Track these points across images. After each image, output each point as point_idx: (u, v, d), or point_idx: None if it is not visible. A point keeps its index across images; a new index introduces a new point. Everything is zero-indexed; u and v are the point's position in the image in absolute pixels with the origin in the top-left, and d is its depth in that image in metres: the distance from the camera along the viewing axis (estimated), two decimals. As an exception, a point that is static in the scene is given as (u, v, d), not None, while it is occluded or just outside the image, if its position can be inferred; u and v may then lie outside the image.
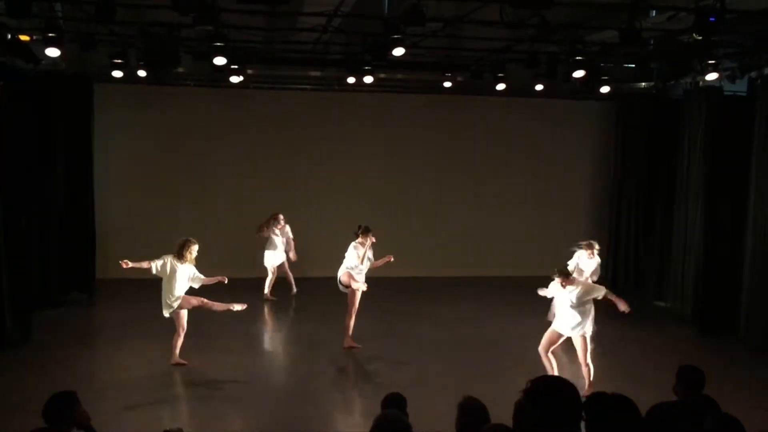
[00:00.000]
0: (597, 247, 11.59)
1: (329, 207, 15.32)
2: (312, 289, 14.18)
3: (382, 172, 15.63)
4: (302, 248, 15.22)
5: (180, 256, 9.28)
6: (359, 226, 10.52)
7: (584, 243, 11.40)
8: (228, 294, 13.74)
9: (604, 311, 13.82)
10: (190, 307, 9.37)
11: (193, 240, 9.49)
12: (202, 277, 9.53)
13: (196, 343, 10.16)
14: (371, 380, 9.65)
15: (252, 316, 12.23)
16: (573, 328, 8.74)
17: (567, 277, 8.74)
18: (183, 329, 9.44)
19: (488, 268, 14.64)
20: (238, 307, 9.35)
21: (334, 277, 13.05)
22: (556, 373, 8.48)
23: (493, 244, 15.58)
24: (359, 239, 10.42)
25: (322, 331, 11.48)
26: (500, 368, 9.95)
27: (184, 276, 9.32)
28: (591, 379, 8.70)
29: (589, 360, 8.81)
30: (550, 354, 8.94)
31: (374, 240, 10.51)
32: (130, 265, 8.96)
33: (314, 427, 7.91)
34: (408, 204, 15.64)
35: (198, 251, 9.50)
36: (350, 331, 10.47)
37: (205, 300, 9.42)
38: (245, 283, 14.37)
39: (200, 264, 10.00)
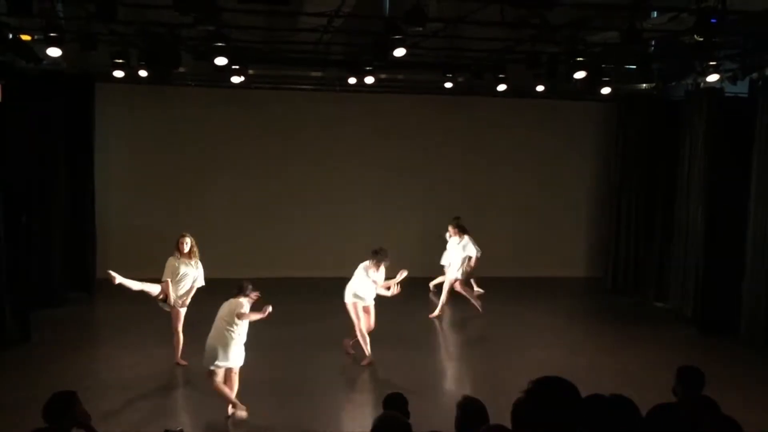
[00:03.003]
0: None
1: (329, 207, 15.33)
2: (312, 288, 14.19)
3: (383, 172, 15.63)
4: (301, 248, 15.25)
5: (174, 253, 9.43)
6: (374, 251, 10.18)
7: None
8: (229, 294, 13.74)
9: (604, 311, 13.88)
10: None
11: (184, 233, 9.64)
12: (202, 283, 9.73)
13: (196, 343, 10.15)
14: (371, 380, 9.66)
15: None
16: None
17: None
18: (176, 331, 9.45)
19: (488, 268, 14.63)
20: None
21: (334, 277, 13.00)
22: None
23: (494, 244, 15.55)
24: (372, 263, 10.09)
25: (322, 331, 11.49)
26: (500, 368, 9.95)
27: (187, 273, 9.35)
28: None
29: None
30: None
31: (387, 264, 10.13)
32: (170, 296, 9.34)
33: (314, 427, 7.92)
34: (408, 204, 15.65)
35: (194, 244, 9.70)
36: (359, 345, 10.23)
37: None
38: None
39: (202, 263, 10.02)
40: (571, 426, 3.14)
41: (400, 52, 9.81)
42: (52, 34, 9.59)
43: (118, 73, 11.79)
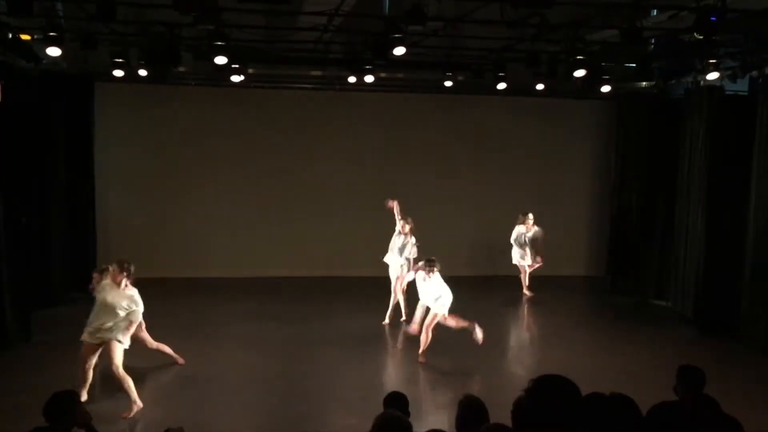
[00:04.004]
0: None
1: (329, 205, 15.33)
2: (312, 288, 14.20)
3: (383, 171, 15.63)
4: (301, 247, 15.25)
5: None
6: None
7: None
8: (230, 294, 13.75)
9: (604, 310, 13.88)
10: None
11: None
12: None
13: (196, 343, 10.18)
14: (372, 379, 9.66)
15: (252, 316, 12.26)
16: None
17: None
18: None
19: (489, 267, 14.65)
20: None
21: (333, 276, 13.04)
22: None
23: (494, 243, 15.57)
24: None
25: (322, 330, 11.49)
26: (500, 366, 9.96)
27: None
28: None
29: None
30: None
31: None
32: None
33: (314, 427, 7.92)
34: (408, 203, 15.62)
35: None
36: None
37: None
38: (245, 282, 14.42)
39: (202, 263, 10.00)
40: (571, 425, 3.14)
41: (400, 50, 9.80)
42: (51, 34, 9.60)
43: (118, 73, 11.79)
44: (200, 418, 8.00)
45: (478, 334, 10.08)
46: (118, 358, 7.98)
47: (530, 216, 14.12)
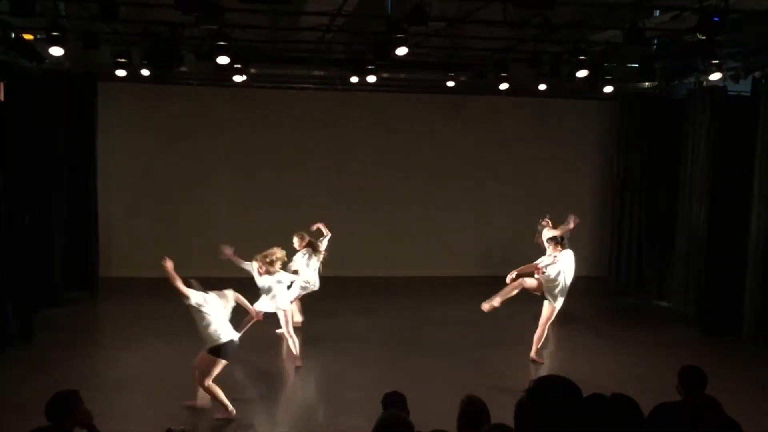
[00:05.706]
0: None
1: (331, 206, 15.32)
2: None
3: (384, 170, 15.64)
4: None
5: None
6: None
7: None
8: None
9: (607, 310, 13.87)
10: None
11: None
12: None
13: (196, 343, 10.15)
14: (372, 380, 9.65)
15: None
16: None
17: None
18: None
19: (490, 268, 14.62)
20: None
21: (333, 277, 12.98)
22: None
23: (496, 243, 15.59)
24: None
25: (322, 331, 11.49)
26: (502, 367, 9.96)
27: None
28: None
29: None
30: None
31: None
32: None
33: (315, 427, 7.92)
34: (410, 203, 15.65)
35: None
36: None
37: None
38: (246, 283, 14.40)
39: (203, 263, 10.00)
40: (573, 425, 3.14)
41: (402, 51, 9.80)
42: (54, 34, 9.61)
43: (121, 73, 11.80)
44: (201, 419, 8.01)
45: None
46: None
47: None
